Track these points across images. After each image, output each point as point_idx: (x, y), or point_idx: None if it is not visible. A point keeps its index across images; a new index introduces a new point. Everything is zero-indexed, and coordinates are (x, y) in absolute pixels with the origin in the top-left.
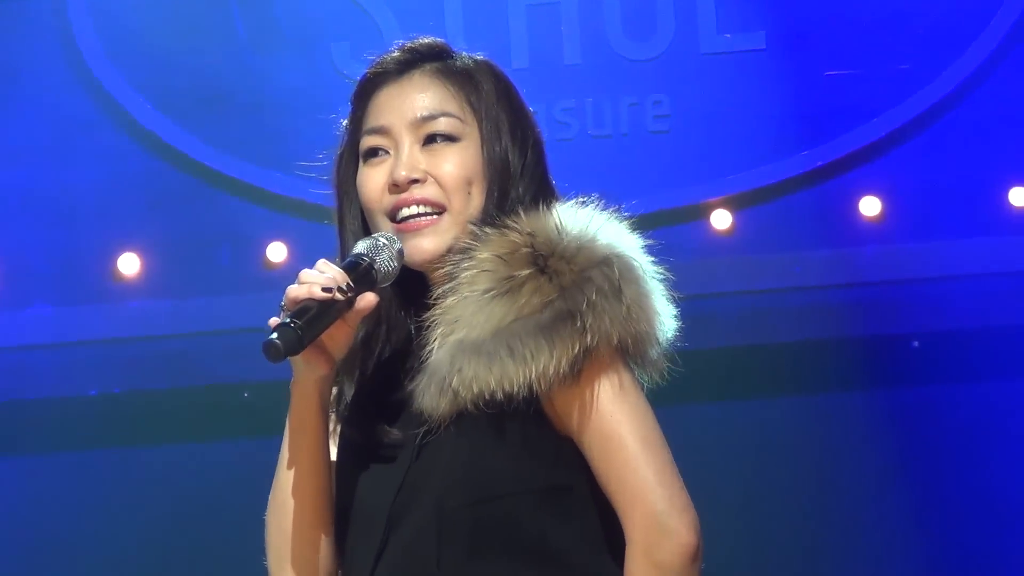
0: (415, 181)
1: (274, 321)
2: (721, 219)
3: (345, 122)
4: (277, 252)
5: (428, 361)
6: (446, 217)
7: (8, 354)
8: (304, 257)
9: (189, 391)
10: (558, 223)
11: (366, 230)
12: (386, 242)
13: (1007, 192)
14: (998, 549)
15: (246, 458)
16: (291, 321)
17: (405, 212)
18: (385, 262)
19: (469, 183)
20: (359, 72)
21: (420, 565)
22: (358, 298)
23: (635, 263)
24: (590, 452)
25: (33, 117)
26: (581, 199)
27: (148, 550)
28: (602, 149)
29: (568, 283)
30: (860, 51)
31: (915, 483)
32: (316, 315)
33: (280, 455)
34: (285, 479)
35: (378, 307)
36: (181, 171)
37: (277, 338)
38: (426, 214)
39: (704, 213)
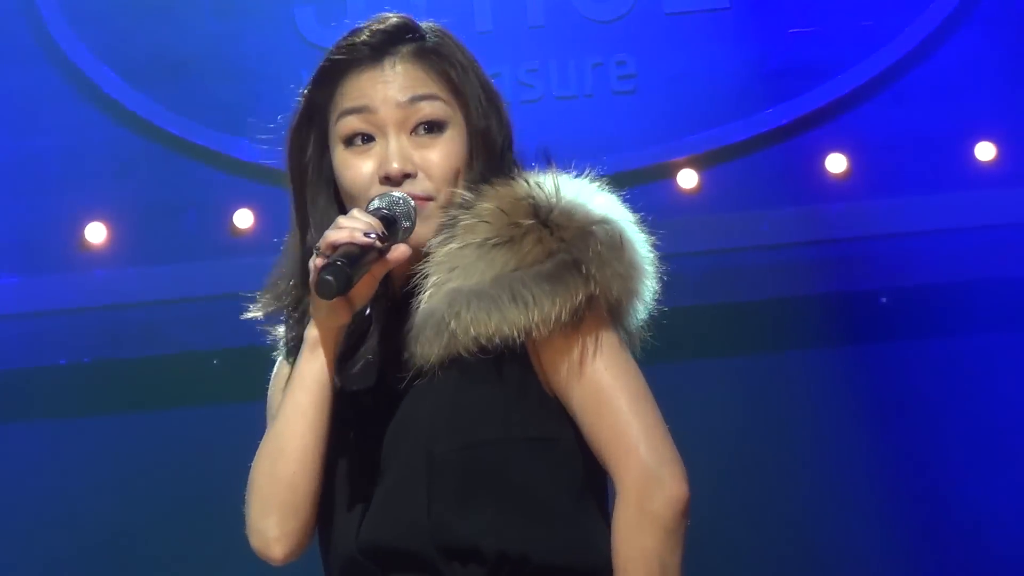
0: (407, 176)
1: (319, 261)
2: (687, 178)
3: (302, 100)
4: (243, 218)
5: (420, 308)
6: (431, 204)
7: None
8: (271, 223)
9: (158, 359)
10: (556, 182)
11: (341, 203)
12: (402, 200)
13: (973, 147)
14: (967, 499)
15: (216, 425)
16: (339, 260)
17: None
18: (404, 218)
19: (457, 173)
20: (323, 37)
21: (409, 512)
22: (392, 248)
23: (633, 229)
24: (581, 405)
25: None
26: (573, 171)
27: (119, 518)
28: (567, 110)
29: (570, 236)
30: (823, 8)
31: (884, 438)
32: (358, 258)
33: (283, 403)
34: (284, 427)
35: None
36: (146, 139)
37: (330, 276)
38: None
39: (670, 173)
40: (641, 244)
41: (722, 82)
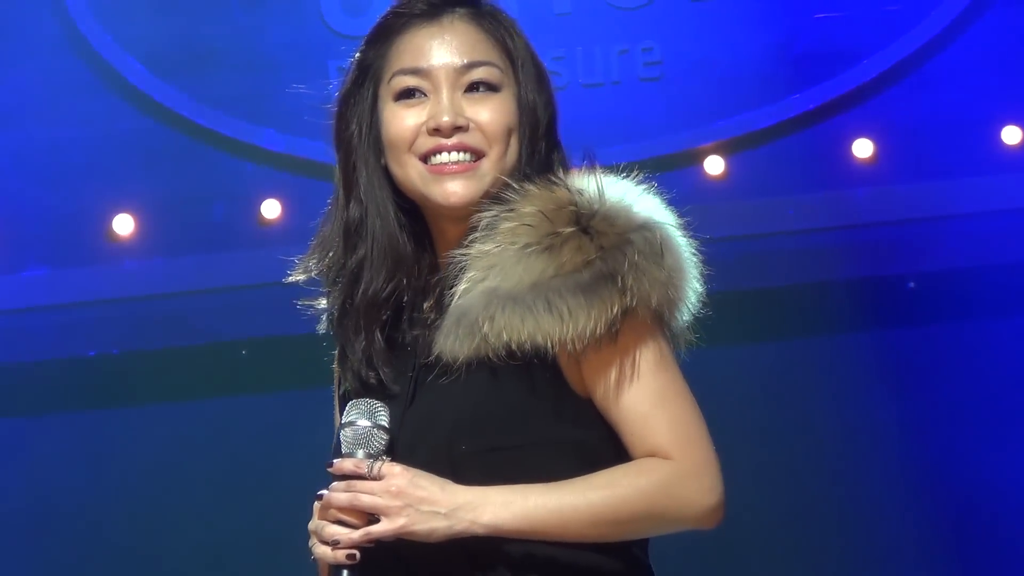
0: (458, 128)
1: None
2: (714, 165)
3: (353, 62)
4: (271, 209)
5: (455, 303)
6: (484, 162)
7: (4, 317)
8: (299, 213)
9: (186, 350)
10: (600, 185)
11: (385, 170)
12: (364, 432)
13: (999, 131)
14: (997, 484)
15: (245, 415)
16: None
17: (442, 157)
18: (365, 447)
19: (509, 132)
20: (350, 26)
21: None
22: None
23: (675, 233)
24: (619, 418)
25: (23, 79)
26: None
27: (149, 509)
28: (593, 98)
29: (609, 244)
30: None
31: (911, 423)
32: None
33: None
34: None
35: (385, 256)
36: (173, 129)
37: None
38: (464, 160)
39: (697, 159)
40: (684, 247)
41: (748, 68)
